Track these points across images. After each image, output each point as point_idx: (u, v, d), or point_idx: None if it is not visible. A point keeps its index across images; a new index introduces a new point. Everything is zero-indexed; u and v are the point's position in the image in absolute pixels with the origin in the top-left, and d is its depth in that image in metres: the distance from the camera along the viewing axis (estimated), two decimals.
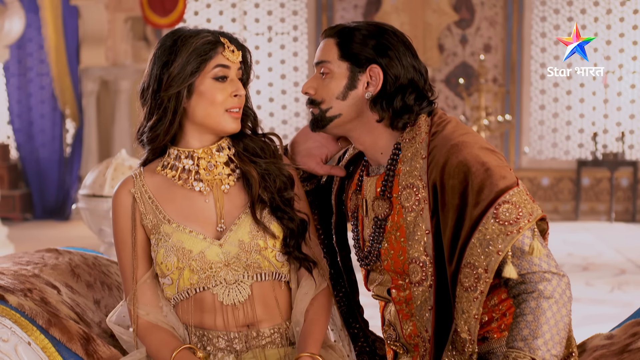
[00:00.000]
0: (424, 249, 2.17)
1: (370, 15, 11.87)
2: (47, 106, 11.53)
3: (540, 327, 2.05)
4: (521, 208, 2.07)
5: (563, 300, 2.09)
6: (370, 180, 2.33)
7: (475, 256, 2.07)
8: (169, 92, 2.19)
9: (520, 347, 2.05)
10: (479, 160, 2.11)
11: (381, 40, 2.25)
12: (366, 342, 2.52)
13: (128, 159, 7.16)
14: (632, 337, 2.43)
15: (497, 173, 2.09)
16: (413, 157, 2.22)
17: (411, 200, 2.20)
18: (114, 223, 2.30)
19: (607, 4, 11.71)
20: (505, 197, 2.07)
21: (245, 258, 2.21)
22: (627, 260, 8.36)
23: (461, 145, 2.15)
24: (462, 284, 2.09)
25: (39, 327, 2.22)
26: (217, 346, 2.24)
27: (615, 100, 11.74)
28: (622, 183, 11.77)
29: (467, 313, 2.10)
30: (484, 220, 2.06)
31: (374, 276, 2.36)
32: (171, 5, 9.92)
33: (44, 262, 2.57)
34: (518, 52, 11.77)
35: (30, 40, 11.39)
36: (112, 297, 2.62)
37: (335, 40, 2.28)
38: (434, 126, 2.24)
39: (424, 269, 2.17)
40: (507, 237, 2.05)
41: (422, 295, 2.19)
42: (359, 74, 2.26)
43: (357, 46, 2.25)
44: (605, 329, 2.66)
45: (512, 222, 2.05)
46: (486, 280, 2.06)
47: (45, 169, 11.59)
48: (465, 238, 2.09)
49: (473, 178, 2.09)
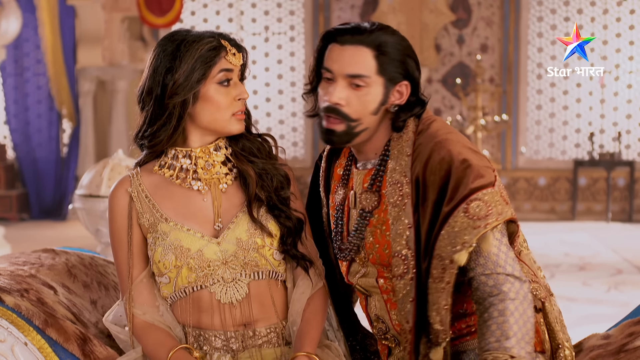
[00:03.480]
0: (406, 243, 2.20)
1: (368, 15, 11.87)
2: (44, 106, 11.51)
3: (510, 327, 2.10)
4: (492, 207, 2.13)
5: (527, 302, 2.14)
6: (359, 173, 2.35)
7: (442, 247, 2.13)
8: (174, 99, 2.19)
9: (495, 348, 2.09)
10: (460, 158, 2.16)
11: (412, 56, 2.27)
12: (355, 340, 2.52)
13: (125, 159, 7.15)
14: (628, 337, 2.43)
15: (475, 171, 2.15)
16: (399, 155, 2.26)
17: (395, 196, 2.23)
18: (110, 222, 2.30)
19: (604, 4, 11.71)
20: (477, 195, 2.13)
21: (243, 256, 2.22)
22: (624, 260, 8.37)
23: (444, 142, 2.20)
24: (432, 275, 2.15)
25: (36, 327, 2.22)
26: (214, 346, 2.24)
27: (612, 100, 11.74)
28: (619, 183, 11.78)
29: (437, 304, 2.15)
30: (455, 214, 2.12)
31: (355, 268, 2.37)
32: (168, 5, 9.92)
33: (40, 263, 2.57)
34: (515, 52, 11.77)
35: (27, 40, 11.37)
36: (108, 297, 2.62)
37: (372, 53, 2.23)
38: (421, 124, 2.28)
39: (406, 262, 2.21)
40: (474, 230, 2.11)
41: (404, 287, 2.22)
42: (391, 89, 2.26)
43: (395, 63, 2.24)
44: (601, 329, 2.67)
45: (480, 218, 2.12)
46: (451, 270, 2.12)
47: (42, 169, 11.57)
48: (437, 231, 2.14)
49: (452, 174, 2.15)
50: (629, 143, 11.78)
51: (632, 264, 8.12)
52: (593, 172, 11.77)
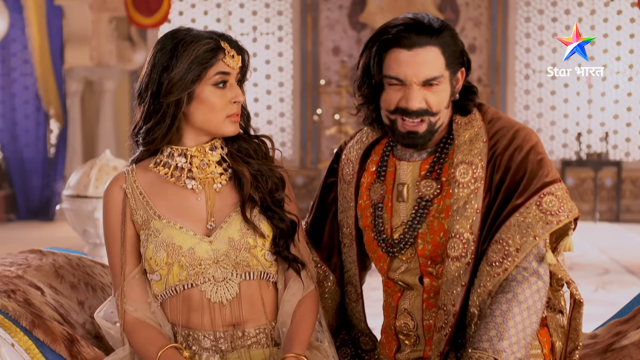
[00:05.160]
0: (469, 227, 2.20)
1: (356, 16, 11.88)
2: (31, 106, 11.48)
3: (507, 329, 2.10)
4: (563, 203, 2.18)
5: (535, 308, 2.15)
6: (411, 164, 2.33)
7: (510, 234, 2.15)
8: (168, 98, 2.19)
9: (484, 348, 2.09)
10: (535, 150, 2.22)
11: (461, 42, 2.29)
12: (348, 335, 2.51)
13: (112, 160, 7.14)
14: (615, 337, 2.44)
15: (547, 166, 2.21)
16: (473, 140, 2.26)
17: (467, 177, 2.23)
18: (104, 218, 2.30)
19: (591, 5, 11.75)
20: (550, 189, 2.18)
21: (235, 256, 2.22)
22: (611, 259, 8.39)
23: (521, 131, 2.25)
24: (487, 259, 2.16)
25: (23, 328, 2.21)
26: (203, 346, 2.24)
27: (599, 100, 11.79)
28: (606, 183, 11.82)
29: (482, 287, 2.16)
30: (527, 205, 2.16)
31: (397, 264, 2.34)
32: (156, 5, 9.90)
33: (27, 263, 2.56)
34: (502, 52, 11.80)
35: (14, 40, 11.33)
36: (96, 298, 2.62)
37: (440, 50, 2.22)
38: (489, 114, 2.32)
39: (466, 246, 2.20)
40: (546, 225, 2.15)
41: (456, 270, 2.21)
42: (454, 79, 2.28)
43: (457, 54, 2.26)
44: (589, 328, 2.67)
45: (553, 214, 2.16)
46: (515, 259, 2.14)
47: (29, 170, 11.53)
48: (504, 217, 2.17)
49: (528, 165, 2.19)
50: (616, 143, 11.82)
51: (619, 264, 8.14)
52: (580, 172, 11.81)
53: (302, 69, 12.12)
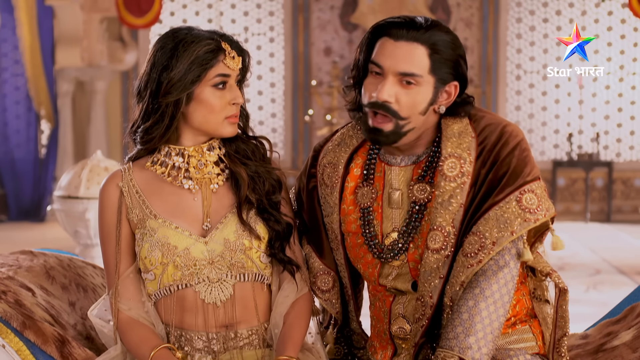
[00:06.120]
0: (452, 220, 2.20)
1: (347, 16, 11.89)
2: (22, 107, 11.44)
3: (474, 325, 2.11)
4: (542, 202, 2.18)
5: (502, 301, 2.16)
6: (402, 168, 2.30)
7: (488, 227, 2.15)
8: (167, 98, 2.19)
9: (450, 347, 2.11)
10: (521, 147, 2.22)
11: (463, 56, 2.24)
12: (340, 333, 2.50)
13: (104, 160, 7.12)
14: (606, 337, 2.45)
15: (530, 163, 2.22)
16: (462, 133, 2.25)
17: (455, 171, 2.22)
18: (99, 216, 2.30)
19: (582, 6, 11.78)
20: (531, 186, 2.19)
21: (230, 257, 2.22)
22: (602, 260, 8.41)
23: (509, 127, 2.25)
24: (463, 250, 2.17)
25: (14, 329, 2.21)
26: (195, 347, 2.24)
27: (590, 101, 11.82)
28: (597, 183, 11.85)
29: (455, 278, 2.16)
30: (507, 200, 2.16)
31: (388, 270, 2.31)
32: (147, 5, 9.89)
33: (18, 264, 2.55)
34: (494, 53, 11.82)
35: (4, 40, 11.30)
36: (87, 299, 2.61)
37: (427, 51, 2.18)
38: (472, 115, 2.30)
39: (447, 239, 2.20)
40: (524, 222, 2.16)
41: (434, 262, 2.20)
42: (441, 89, 2.23)
43: (448, 63, 2.20)
44: (580, 328, 2.68)
45: (532, 212, 2.16)
46: (490, 252, 2.14)
47: (20, 170, 11.50)
48: (484, 210, 2.17)
49: (513, 160, 2.20)
50: (607, 144, 11.85)
51: (610, 264, 8.16)
52: (572, 173, 11.84)
53: (294, 69, 12.12)
